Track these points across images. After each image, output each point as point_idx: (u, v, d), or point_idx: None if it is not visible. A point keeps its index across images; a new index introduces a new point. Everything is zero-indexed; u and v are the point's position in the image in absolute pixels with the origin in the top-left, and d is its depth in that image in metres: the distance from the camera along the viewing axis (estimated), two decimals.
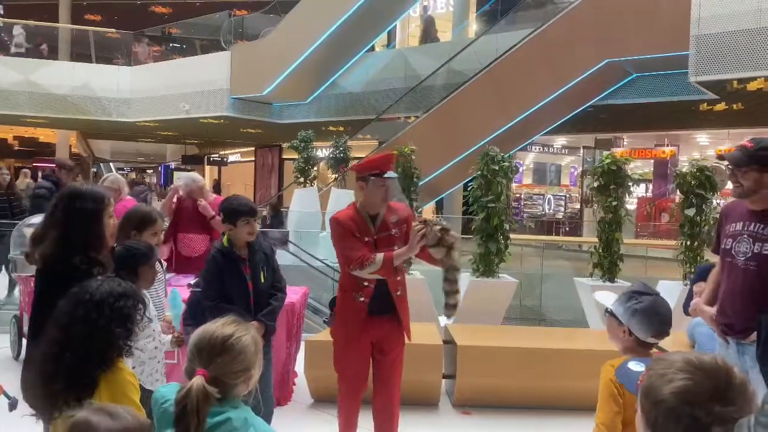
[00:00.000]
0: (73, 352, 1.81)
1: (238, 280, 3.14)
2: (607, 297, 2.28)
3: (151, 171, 30.79)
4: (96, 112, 16.62)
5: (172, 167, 25.19)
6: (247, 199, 3.36)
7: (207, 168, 26.81)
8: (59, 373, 1.79)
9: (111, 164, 28.21)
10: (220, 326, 1.57)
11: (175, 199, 5.09)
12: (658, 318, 2.14)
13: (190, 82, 15.53)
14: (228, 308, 3.13)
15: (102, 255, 2.43)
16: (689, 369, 1.06)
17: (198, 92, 15.49)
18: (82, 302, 1.88)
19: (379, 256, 3.00)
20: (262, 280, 3.19)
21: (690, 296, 3.99)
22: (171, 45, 19.71)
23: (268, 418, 3.34)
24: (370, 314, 3.15)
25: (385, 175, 3.11)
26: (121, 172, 30.40)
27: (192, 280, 4.02)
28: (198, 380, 1.46)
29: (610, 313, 2.22)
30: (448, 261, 3.12)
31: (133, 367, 2.28)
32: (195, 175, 5.35)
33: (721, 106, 10.35)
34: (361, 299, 3.14)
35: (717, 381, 1.04)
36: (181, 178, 5.33)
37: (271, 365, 3.45)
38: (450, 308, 3.29)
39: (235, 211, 3.13)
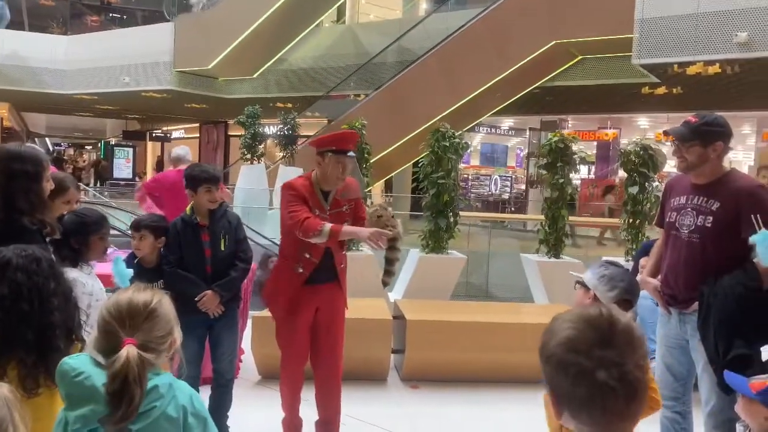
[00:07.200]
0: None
1: (196, 247, 3.14)
2: (580, 270, 2.49)
3: (90, 147, 29.59)
4: (29, 83, 15.79)
5: (113, 143, 24.22)
6: (210, 166, 3.32)
7: (149, 144, 25.95)
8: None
9: (47, 139, 26.95)
10: (133, 293, 1.50)
11: None
12: (622, 285, 2.24)
13: (130, 54, 14.93)
14: (183, 275, 3.11)
15: (47, 216, 2.38)
16: (573, 320, 1.10)
17: (139, 65, 14.90)
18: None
19: (327, 227, 2.90)
20: (222, 248, 3.15)
21: (635, 271, 4.08)
22: (110, 15, 18.90)
23: (227, 388, 3.29)
24: (310, 283, 3.08)
25: (348, 155, 3.07)
26: (58, 147, 29.09)
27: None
28: (131, 349, 1.41)
29: (580, 284, 2.31)
30: (393, 232, 3.17)
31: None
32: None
33: (661, 90, 10.67)
34: (300, 270, 3.06)
35: (599, 328, 1.07)
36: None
37: (236, 336, 3.38)
38: (390, 275, 3.38)
39: (196, 178, 3.12)
